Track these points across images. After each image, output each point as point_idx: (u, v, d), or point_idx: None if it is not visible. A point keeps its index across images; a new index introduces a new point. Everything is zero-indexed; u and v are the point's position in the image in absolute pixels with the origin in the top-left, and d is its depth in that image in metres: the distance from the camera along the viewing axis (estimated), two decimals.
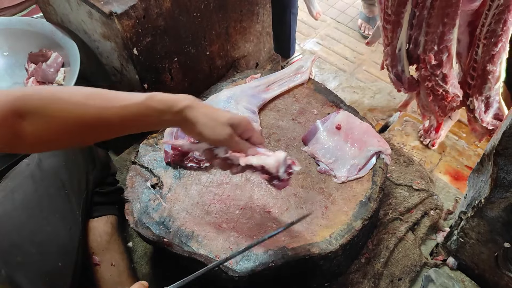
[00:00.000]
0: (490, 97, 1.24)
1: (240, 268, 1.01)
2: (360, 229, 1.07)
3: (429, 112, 1.40)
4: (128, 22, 1.18)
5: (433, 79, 1.23)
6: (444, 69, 1.21)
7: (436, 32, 1.16)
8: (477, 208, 1.02)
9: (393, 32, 1.25)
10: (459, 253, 1.21)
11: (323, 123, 1.24)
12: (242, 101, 1.27)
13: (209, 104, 0.89)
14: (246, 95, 1.30)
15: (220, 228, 1.09)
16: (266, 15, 1.64)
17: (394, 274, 1.22)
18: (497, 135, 0.86)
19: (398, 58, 1.31)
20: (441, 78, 1.22)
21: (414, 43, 1.25)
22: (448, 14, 1.10)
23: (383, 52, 1.35)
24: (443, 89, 1.23)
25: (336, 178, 1.16)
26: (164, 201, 1.14)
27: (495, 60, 1.17)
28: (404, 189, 1.37)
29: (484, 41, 1.14)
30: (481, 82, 1.21)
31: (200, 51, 1.46)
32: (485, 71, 1.18)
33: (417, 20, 1.20)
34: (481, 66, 1.18)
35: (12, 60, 1.51)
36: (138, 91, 1.36)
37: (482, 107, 1.27)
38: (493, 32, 1.12)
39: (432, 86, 1.25)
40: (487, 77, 1.19)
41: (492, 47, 1.14)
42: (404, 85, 1.36)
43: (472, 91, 1.25)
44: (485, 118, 1.28)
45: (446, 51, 1.18)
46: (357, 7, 2.85)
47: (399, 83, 1.37)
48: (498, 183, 0.90)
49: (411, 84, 1.34)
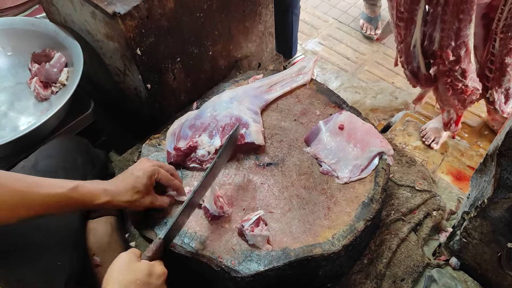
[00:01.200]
0: (509, 89, 1.25)
1: (243, 269, 1.01)
2: (363, 230, 1.07)
3: (448, 106, 1.40)
4: (131, 23, 1.18)
5: (451, 74, 1.23)
6: (463, 64, 1.21)
7: (452, 28, 1.15)
8: (480, 209, 1.02)
9: (407, 29, 1.25)
10: (462, 253, 1.21)
11: (325, 123, 1.24)
12: (244, 102, 1.28)
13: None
14: (249, 96, 1.30)
15: (222, 228, 1.09)
16: (269, 16, 1.64)
17: (396, 274, 1.22)
18: (501, 136, 0.86)
19: (413, 55, 1.30)
20: (460, 73, 1.22)
21: (429, 40, 1.24)
22: (464, 10, 1.09)
23: (396, 50, 1.35)
24: (463, 83, 1.23)
25: (338, 179, 1.16)
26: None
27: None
28: (406, 190, 1.36)
29: (501, 35, 1.14)
30: (500, 75, 1.21)
31: (203, 51, 1.46)
32: (503, 64, 1.18)
33: (431, 16, 1.19)
34: (499, 60, 1.18)
35: (15, 60, 1.51)
36: (141, 91, 1.38)
37: (502, 99, 1.27)
38: (510, 26, 1.11)
39: (451, 81, 1.24)
40: (506, 70, 1.19)
41: (510, 41, 1.14)
42: (421, 81, 1.36)
43: (491, 84, 1.25)
44: (505, 109, 1.29)
45: (464, 46, 1.17)
46: (359, 7, 2.85)
47: (415, 79, 1.37)
48: (501, 183, 0.90)
49: (428, 80, 1.34)
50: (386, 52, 2.64)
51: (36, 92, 1.43)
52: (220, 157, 1.08)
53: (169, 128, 1.29)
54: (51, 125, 1.33)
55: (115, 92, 1.56)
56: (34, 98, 1.45)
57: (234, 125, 1.19)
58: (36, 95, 1.44)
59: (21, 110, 1.44)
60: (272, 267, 1.00)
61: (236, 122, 1.21)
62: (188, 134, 1.23)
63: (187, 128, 1.24)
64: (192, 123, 1.25)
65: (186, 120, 1.28)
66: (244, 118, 1.22)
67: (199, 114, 1.28)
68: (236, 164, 1.21)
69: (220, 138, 1.19)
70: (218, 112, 1.25)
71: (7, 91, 1.48)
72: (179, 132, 1.24)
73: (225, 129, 1.20)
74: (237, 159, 1.22)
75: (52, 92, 1.44)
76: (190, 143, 1.19)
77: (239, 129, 1.17)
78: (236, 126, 1.15)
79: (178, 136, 1.23)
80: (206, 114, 1.26)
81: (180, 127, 1.26)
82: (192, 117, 1.28)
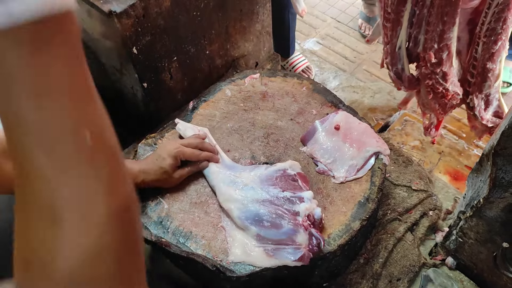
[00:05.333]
0: (490, 95, 1.24)
1: (238, 269, 1.01)
2: (359, 230, 1.07)
3: (429, 110, 1.40)
4: (127, 21, 1.18)
5: (433, 77, 1.24)
6: (444, 67, 1.21)
7: (436, 30, 1.16)
8: (476, 208, 1.02)
9: (393, 30, 1.25)
10: (458, 253, 1.21)
11: (322, 123, 1.23)
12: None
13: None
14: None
15: (218, 228, 1.09)
16: (266, 15, 1.63)
17: (392, 274, 1.22)
18: (496, 135, 0.86)
19: (398, 57, 1.31)
20: (441, 76, 1.22)
21: (414, 42, 1.25)
22: (448, 13, 1.10)
23: (383, 50, 1.35)
24: (443, 87, 1.23)
25: (334, 179, 1.16)
26: (163, 200, 1.14)
27: (494, 58, 1.17)
28: (403, 190, 1.36)
29: (484, 39, 1.14)
30: (481, 80, 1.21)
31: (200, 50, 1.46)
32: (485, 69, 1.18)
33: (417, 18, 1.20)
34: (481, 64, 1.18)
35: None
36: (138, 90, 1.38)
37: (482, 105, 1.27)
38: (493, 30, 1.12)
39: (432, 84, 1.25)
40: (487, 75, 1.19)
41: (492, 45, 1.14)
42: (404, 83, 1.36)
43: (472, 89, 1.25)
44: (485, 115, 1.29)
45: (446, 49, 1.18)
46: (358, 6, 2.84)
47: (399, 81, 1.37)
48: (497, 183, 0.90)
49: (411, 82, 1.34)
50: None
51: None
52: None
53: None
54: None
55: (112, 91, 1.55)
56: None
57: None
58: None
59: None
60: (267, 267, 1.00)
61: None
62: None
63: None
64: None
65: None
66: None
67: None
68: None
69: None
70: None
71: None
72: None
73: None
74: (232, 158, 1.22)
75: None
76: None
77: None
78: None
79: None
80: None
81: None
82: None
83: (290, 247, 0.99)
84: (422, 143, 2.10)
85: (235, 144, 1.25)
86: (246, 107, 1.34)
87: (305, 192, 1.07)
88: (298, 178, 1.11)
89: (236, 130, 1.28)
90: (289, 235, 1.00)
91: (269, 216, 1.03)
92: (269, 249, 1.00)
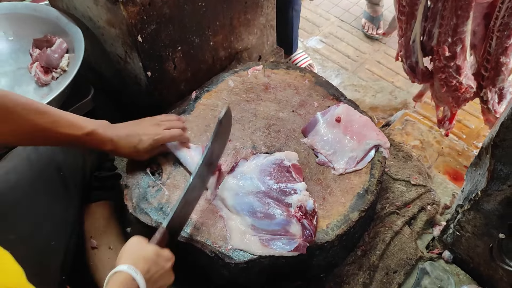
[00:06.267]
0: (503, 89, 1.25)
1: (237, 255, 1.02)
2: (357, 221, 1.08)
3: (443, 103, 1.40)
4: (133, 9, 1.19)
5: (446, 70, 1.24)
6: (458, 61, 1.22)
7: (449, 24, 1.16)
8: (474, 201, 1.03)
9: (407, 23, 1.26)
10: (455, 246, 1.22)
11: (323, 115, 1.24)
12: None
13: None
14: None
15: (218, 215, 1.09)
16: (271, 8, 1.64)
17: (389, 266, 1.23)
18: (495, 127, 0.86)
19: (412, 50, 1.31)
20: (454, 70, 1.23)
21: (428, 35, 1.25)
22: (462, 7, 1.10)
23: (398, 43, 1.36)
24: (457, 80, 1.24)
25: (334, 170, 1.17)
26: (164, 187, 1.15)
27: (508, 53, 1.17)
28: (402, 184, 1.37)
29: (497, 34, 1.14)
30: (495, 74, 1.21)
31: (204, 41, 1.47)
32: (498, 63, 1.18)
33: (432, 12, 1.20)
34: (494, 58, 1.19)
35: (17, 45, 1.51)
36: (141, 79, 1.39)
37: (495, 98, 1.27)
38: (506, 25, 1.12)
39: (446, 77, 1.25)
40: (501, 69, 1.19)
41: (506, 40, 1.14)
42: (418, 76, 1.37)
43: (485, 83, 1.25)
44: (498, 109, 1.29)
45: (460, 43, 1.18)
46: (361, 6, 2.85)
47: (413, 74, 1.38)
48: (495, 175, 0.91)
49: (425, 76, 1.34)
50: (387, 51, 2.65)
51: (37, 77, 1.43)
52: (214, 143, 1.02)
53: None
54: None
55: (116, 80, 1.56)
56: (34, 83, 1.46)
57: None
58: (36, 80, 1.44)
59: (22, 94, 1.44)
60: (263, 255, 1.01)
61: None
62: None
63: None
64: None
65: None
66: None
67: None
68: (233, 153, 1.21)
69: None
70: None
71: (8, 76, 1.49)
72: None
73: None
74: (234, 148, 1.22)
75: (53, 77, 1.44)
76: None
77: (230, 110, 1.06)
78: (226, 107, 1.04)
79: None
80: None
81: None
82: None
83: (284, 238, 1.01)
84: (422, 143, 2.10)
85: (237, 134, 1.26)
86: (248, 98, 1.35)
87: (298, 183, 1.08)
88: (292, 170, 1.12)
89: (238, 120, 1.29)
90: (282, 225, 1.01)
91: (263, 208, 1.04)
92: (264, 239, 1.02)
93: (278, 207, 1.04)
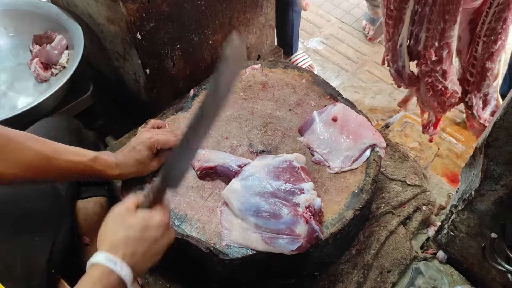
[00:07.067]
0: (488, 94, 1.26)
1: (231, 252, 1.02)
2: (351, 219, 1.09)
3: (428, 108, 1.41)
4: (132, 6, 1.20)
5: (433, 75, 1.25)
6: (444, 65, 1.23)
7: (437, 28, 1.17)
8: (468, 201, 1.03)
9: (395, 27, 1.27)
10: (449, 246, 1.22)
11: (319, 114, 1.25)
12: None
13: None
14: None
15: (213, 212, 1.10)
16: (270, 8, 1.65)
17: (383, 266, 1.23)
18: (489, 127, 0.87)
19: (399, 54, 1.32)
20: (440, 74, 1.24)
21: (415, 39, 1.26)
22: (449, 11, 1.11)
23: (385, 47, 1.37)
24: (443, 85, 1.25)
25: (330, 169, 1.18)
26: None
27: (494, 58, 1.18)
28: (397, 184, 1.38)
29: (484, 39, 1.15)
30: (480, 79, 1.22)
31: (203, 39, 1.48)
32: (484, 68, 1.19)
33: (419, 16, 1.21)
34: (480, 63, 1.19)
35: (17, 41, 1.53)
36: (140, 76, 1.39)
37: (480, 104, 1.28)
38: (493, 30, 1.13)
39: (432, 82, 1.26)
40: (486, 75, 1.20)
41: (492, 45, 1.15)
42: (404, 81, 1.38)
43: (471, 88, 1.26)
44: (482, 115, 1.30)
45: (447, 47, 1.19)
46: (362, 8, 2.86)
47: (399, 78, 1.39)
48: (488, 174, 0.91)
49: (411, 80, 1.35)
50: None
51: (36, 73, 1.44)
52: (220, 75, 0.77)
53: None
54: (48, 105, 1.35)
55: (115, 77, 1.57)
56: (34, 79, 1.47)
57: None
58: (36, 76, 1.46)
59: (21, 90, 1.46)
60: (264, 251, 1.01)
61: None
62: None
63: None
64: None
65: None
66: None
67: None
68: (229, 150, 1.22)
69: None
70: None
71: (8, 71, 1.50)
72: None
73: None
74: (230, 145, 1.23)
75: (52, 73, 1.46)
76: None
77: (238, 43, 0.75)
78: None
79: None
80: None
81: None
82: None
83: (288, 237, 1.00)
84: (421, 144, 2.11)
85: (234, 131, 1.27)
86: (246, 96, 1.36)
87: (306, 183, 1.08)
88: (301, 171, 1.12)
89: (235, 118, 1.30)
90: (288, 225, 1.01)
91: (269, 208, 1.04)
92: (266, 236, 1.02)
93: (285, 207, 1.03)
